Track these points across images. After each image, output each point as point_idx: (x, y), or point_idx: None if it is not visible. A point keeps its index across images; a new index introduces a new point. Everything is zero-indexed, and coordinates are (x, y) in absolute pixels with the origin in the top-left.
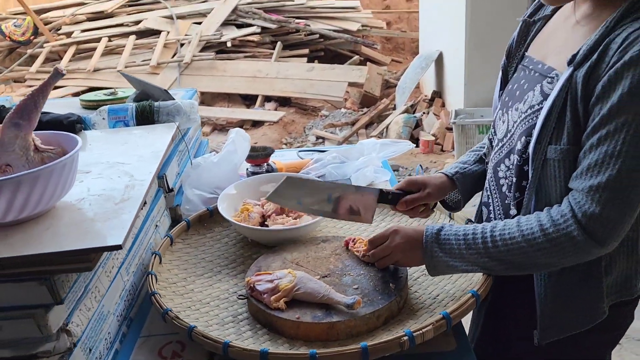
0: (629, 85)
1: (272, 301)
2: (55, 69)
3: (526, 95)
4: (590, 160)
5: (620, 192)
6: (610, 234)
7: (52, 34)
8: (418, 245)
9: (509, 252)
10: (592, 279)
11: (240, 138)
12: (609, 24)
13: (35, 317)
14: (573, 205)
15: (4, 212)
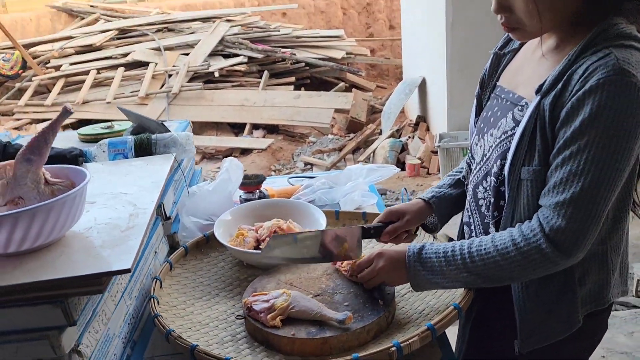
0: (589, 111)
1: (268, 319)
2: (64, 107)
3: (499, 122)
4: (556, 178)
5: (584, 207)
6: (575, 245)
7: (41, 68)
8: (402, 265)
9: (486, 267)
10: (567, 290)
11: (233, 167)
12: (571, 57)
13: (50, 338)
14: (541, 221)
15: (20, 241)
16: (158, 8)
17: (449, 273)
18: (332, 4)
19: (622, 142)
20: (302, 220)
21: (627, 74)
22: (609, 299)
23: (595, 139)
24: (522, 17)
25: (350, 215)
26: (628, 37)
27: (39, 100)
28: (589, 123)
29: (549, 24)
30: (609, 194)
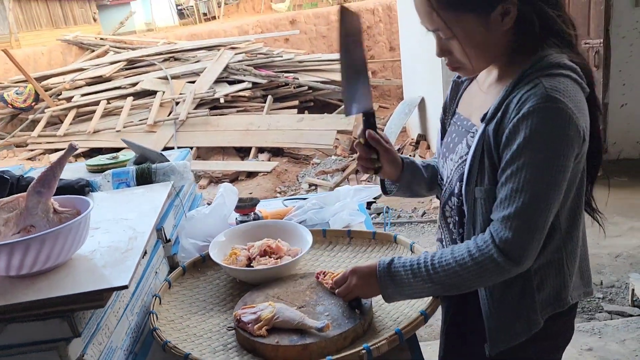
0: (523, 135)
1: (255, 329)
2: (70, 145)
3: (457, 148)
4: (501, 195)
5: (526, 220)
6: (522, 254)
7: (53, 100)
8: (374, 280)
9: (447, 276)
10: (527, 296)
11: (228, 191)
12: (508, 88)
13: (59, 349)
14: (492, 233)
15: (32, 264)
16: (165, 38)
17: (415, 285)
18: (333, 29)
19: (555, 161)
20: (291, 239)
21: (555, 101)
22: (568, 301)
23: (530, 160)
24: (460, 59)
25: (337, 233)
26: (557, 66)
27: (52, 131)
28: (524, 146)
29: (483, 64)
30: (549, 206)
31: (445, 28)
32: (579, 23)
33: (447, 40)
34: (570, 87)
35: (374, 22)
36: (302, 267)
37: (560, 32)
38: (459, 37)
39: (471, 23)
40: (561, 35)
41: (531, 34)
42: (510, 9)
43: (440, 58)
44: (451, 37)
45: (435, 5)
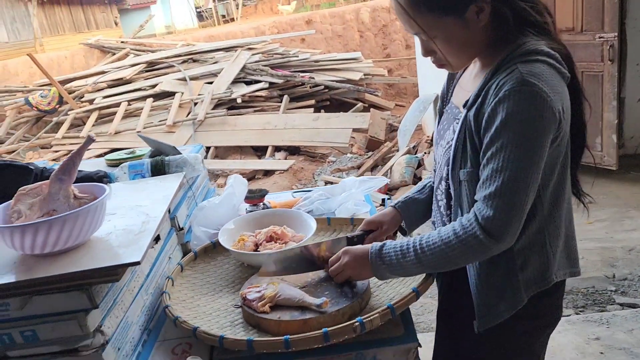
0: (501, 118)
1: (259, 306)
2: (87, 136)
3: (445, 134)
4: (483, 176)
5: (506, 198)
6: (504, 231)
7: (76, 102)
8: (366, 262)
9: (434, 256)
10: (510, 275)
11: (238, 182)
12: (487, 75)
13: (78, 318)
14: (476, 212)
15: (54, 243)
16: (183, 40)
17: (405, 265)
18: (349, 28)
19: (532, 142)
20: (296, 226)
21: (530, 84)
22: (552, 279)
23: (507, 141)
24: (445, 57)
25: (341, 221)
26: (534, 53)
27: (75, 133)
28: (502, 127)
29: (466, 58)
30: (527, 185)
31: (424, 32)
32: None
33: (429, 42)
34: (546, 71)
35: (389, 21)
36: None
37: (535, 22)
38: (439, 38)
39: (448, 24)
40: (537, 24)
41: (507, 27)
42: (483, 6)
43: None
44: (432, 37)
45: (412, 13)
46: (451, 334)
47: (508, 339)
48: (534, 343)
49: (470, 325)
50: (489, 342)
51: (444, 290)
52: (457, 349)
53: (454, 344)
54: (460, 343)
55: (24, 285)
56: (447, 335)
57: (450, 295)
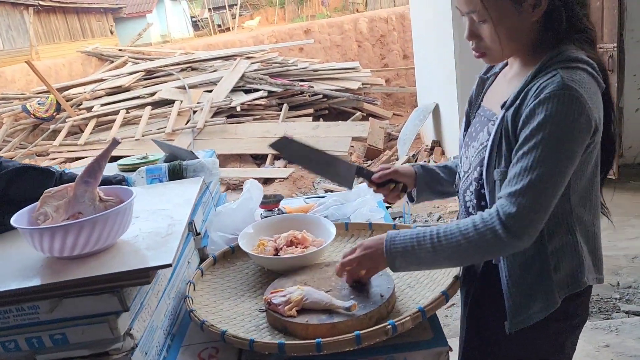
0: (539, 118)
1: (286, 310)
2: (113, 138)
3: (478, 135)
4: (511, 173)
5: (532, 197)
6: (524, 230)
7: (74, 109)
8: (380, 252)
9: (449, 246)
10: (544, 276)
11: (254, 187)
12: (528, 78)
13: (110, 321)
14: (498, 207)
15: (84, 245)
16: (182, 49)
17: (420, 253)
18: (347, 38)
19: (566, 144)
20: (315, 231)
21: (570, 89)
22: (584, 282)
23: (542, 141)
24: (488, 43)
25: (359, 225)
26: (574, 60)
27: (73, 141)
28: (537, 128)
29: (509, 50)
30: (554, 188)
31: (483, 9)
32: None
33: (479, 24)
34: (586, 79)
35: (387, 31)
36: (326, 258)
37: (584, 29)
38: (493, 19)
39: (505, 8)
40: (584, 32)
41: (556, 28)
42: (541, 1)
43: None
44: (485, 19)
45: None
46: (480, 336)
47: (540, 340)
48: (565, 343)
49: (500, 327)
50: (521, 343)
51: (472, 292)
52: (487, 351)
53: (484, 347)
54: (489, 345)
55: (54, 287)
56: (476, 337)
57: (480, 297)
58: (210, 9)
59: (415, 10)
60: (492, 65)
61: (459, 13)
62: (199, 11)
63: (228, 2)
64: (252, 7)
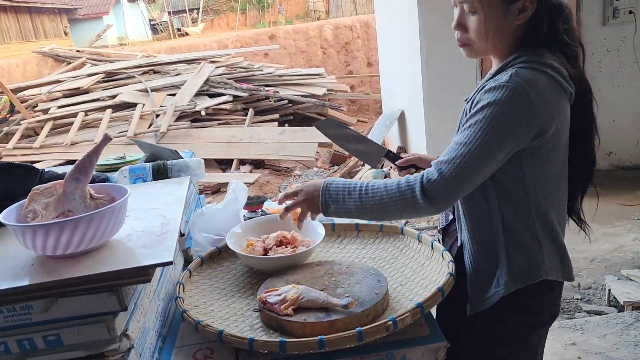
0: (483, 103)
1: (282, 309)
2: (104, 135)
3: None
4: (449, 146)
5: (454, 169)
6: (438, 197)
7: (29, 111)
8: (317, 195)
9: (374, 200)
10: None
11: (239, 188)
12: (492, 74)
13: (107, 321)
14: (424, 173)
15: (78, 244)
16: (144, 51)
17: (347, 203)
18: (312, 44)
19: (497, 132)
20: (303, 232)
21: (519, 84)
22: (540, 275)
23: (477, 122)
24: (473, 36)
25: (345, 226)
26: (538, 63)
27: (27, 144)
28: (478, 110)
29: (491, 46)
30: (477, 165)
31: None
32: None
33: (468, 15)
34: (541, 80)
35: (352, 39)
36: (315, 258)
37: (562, 41)
38: (484, 12)
39: (495, 6)
40: (563, 45)
41: (536, 35)
42: (527, 6)
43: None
44: (475, 11)
45: None
46: (450, 317)
47: (501, 329)
48: (531, 337)
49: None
50: (483, 330)
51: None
52: (455, 333)
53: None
54: (457, 329)
55: (50, 287)
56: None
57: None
58: (170, 12)
59: (381, 18)
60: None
61: (452, 2)
62: (158, 14)
63: (188, 6)
64: (212, 12)
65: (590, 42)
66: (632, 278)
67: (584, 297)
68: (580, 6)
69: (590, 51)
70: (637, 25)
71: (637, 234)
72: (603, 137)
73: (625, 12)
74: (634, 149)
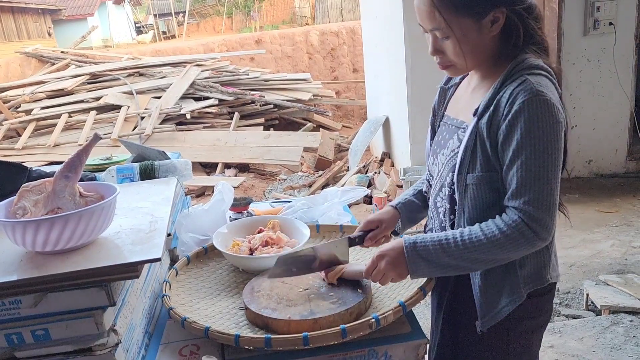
0: (520, 128)
1: (330, 277)
2: (95, 134)
3: (448, 143)
4: (515, 185)
5: (544, 200)
6: (547, 230)
7: (12, 112)
8: (402, 259)
9: (476, 250)
10: (510, 272)
11: (226, 189)
12: (496, 85)
13: (95, 316)
14: (520, 215)
15: (68, 240)
16: (129, 54)
17: (444, 259)
18: (298, 49)
19: (553, 144)
20: (289, 232)
21: (542, 94)
22: (547, 279)
23: (534, 149)
24: (452, 58)
25: (329, 227)
26: (537, 67)
27: (9, 145)
28: (524, 137)
29: (473, 62)
30: (557, 184)
31: (445, 26)
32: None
33: (442, 40)
34: (549, 84)
35: (338, 44)
36: None
37: (540, 41)
38: (456, 35)
39: (466, 25)
40: (539, 44)
41: (514, 41)
42: (499, 17)
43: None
44: (448, 36)
45: (438, 5)
46: (453, 337)
47: (510, 339)
48: (532, 342)
49: (472, 327)
50: (491, 343)
51: (445, 297)
52: (458, 351)
53: (455, 347)
54: (461, 345)
55: (40, 281)
56: (450, 338)
57: (453, 300)
58: (155, 15)
59: (367, 25)
60: (450, 77)
61: (422, 30)
62: (144, 17)
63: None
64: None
65: (571, 53)
66: (610, 283)
67: (563, 301)
68: (562, 17)
69: (571, 61)
70: (617, 36)
71: (615, 240)
72: (583, 146)
73: (605, 23)
74: (613, 157)
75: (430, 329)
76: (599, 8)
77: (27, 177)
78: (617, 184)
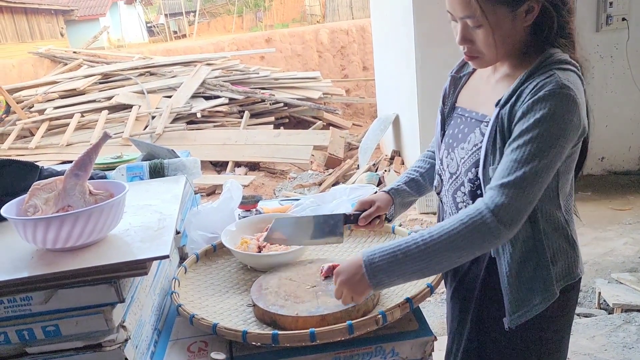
0: (537, 114)
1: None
2: (104, 132)
3: (469, 137)
4: (503, 165)
5: (523, 189)
6: (514, 219)
7: (25, 112)
8: (359, 272)
9: (440, 246)
10: (542, 268)
11: (234, 187)
12: (522, 78)
13: (105, 312)
14: (486, 200)
15: (78, 237)
16: (140, 53)
17: (407, 264)
18: (308, 48)
19: (557, 141)
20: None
21: (568, 89)
22: (577, 273)
23: (538, 137)
24: (482, 48)
25: None
26: (565, 62)
27: (23, 144)
28: (535, 124)
29: (503, 53)
30: (542, 181)
31: (480, 14)
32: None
33: (473, 29)
34: (577, 81)
35: (348, 43)
36: (307, 256)
37: (570, 35)
38: (490, 24)
39: (501, 14)
40: (570, 38)
41: (546, 33)
42: (534, 7)
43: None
44: (480, 24)
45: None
46: (480, 335)
47: (546, 335)
48: (564, 338)
49: (498, 322)
50: (526, 339)
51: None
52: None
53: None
54: (487, 343)
55: (51, 278)
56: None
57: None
58: (166, 14)
59: (377, 23)
60: (463, 64)
61: (450, 17)
62: (155, 17)
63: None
64: (209, 15)
65: (584, 49)
66: (622, 281)
67: None
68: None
69: (584, 57)
70: (630, 32)
71: (628, 238)
72: (596, 143)
73: (618, 19)
74: (627, 154)
75: (448, 327)
76: (611, 3)
77: (39, 175)
78: (630, 182)
